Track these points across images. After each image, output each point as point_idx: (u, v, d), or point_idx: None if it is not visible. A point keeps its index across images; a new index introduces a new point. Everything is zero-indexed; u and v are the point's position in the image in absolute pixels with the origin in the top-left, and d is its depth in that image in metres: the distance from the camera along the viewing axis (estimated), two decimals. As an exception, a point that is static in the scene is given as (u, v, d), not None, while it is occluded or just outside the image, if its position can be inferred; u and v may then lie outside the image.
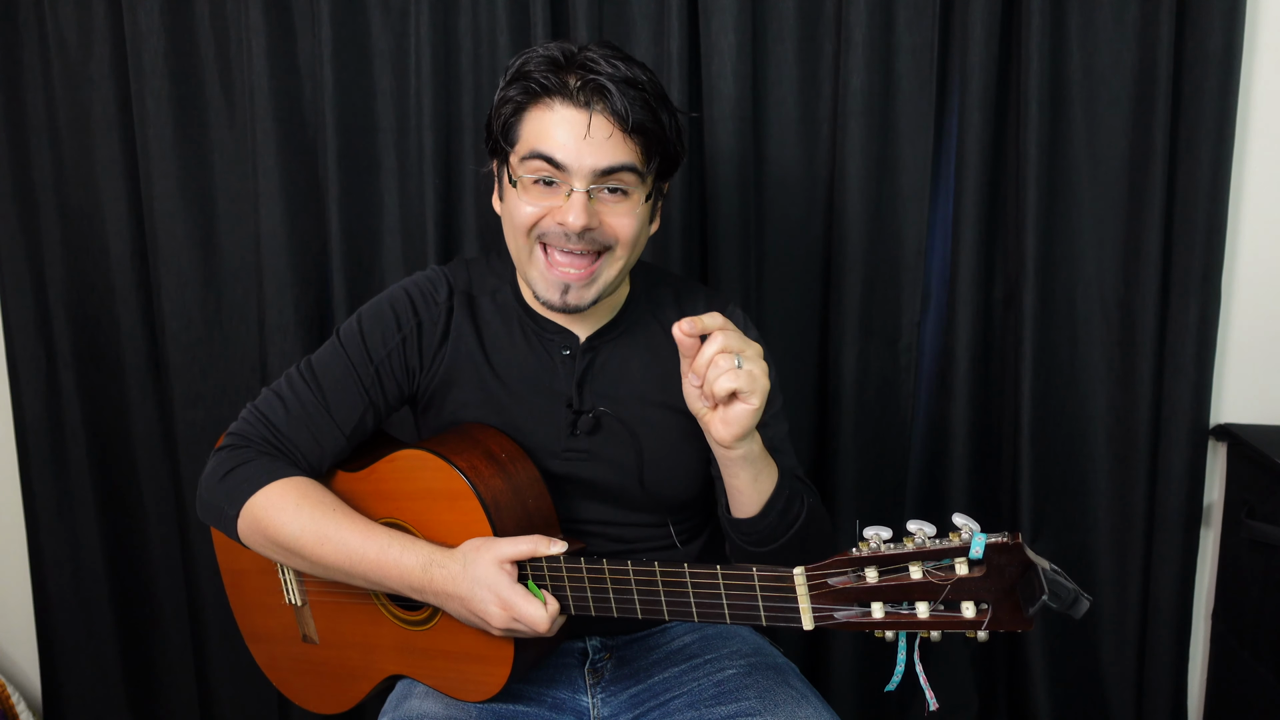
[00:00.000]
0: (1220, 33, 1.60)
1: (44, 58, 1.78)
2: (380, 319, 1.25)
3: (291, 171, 1.73)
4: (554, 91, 1.11)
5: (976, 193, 1.68)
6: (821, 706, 1.17)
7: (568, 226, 1.10)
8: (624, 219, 1.14)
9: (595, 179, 1.11)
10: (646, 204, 1.16)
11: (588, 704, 1.25)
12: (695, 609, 1.02)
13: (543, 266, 1.15)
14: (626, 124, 1.10)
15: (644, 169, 1.13)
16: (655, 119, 1.13)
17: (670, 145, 1.17)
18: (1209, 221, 1.66)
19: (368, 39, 1.72)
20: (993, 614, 0.87)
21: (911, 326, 1.74)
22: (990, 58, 1.64)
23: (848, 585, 0.92)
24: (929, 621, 0.89)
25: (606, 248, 1.15)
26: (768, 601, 0.97)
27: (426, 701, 1.21)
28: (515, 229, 1.16)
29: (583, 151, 1.10)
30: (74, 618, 1.95)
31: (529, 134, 1.13)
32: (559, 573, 1.09)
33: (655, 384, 1.25)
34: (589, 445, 1.22)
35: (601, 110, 1.10)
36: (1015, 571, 0.86)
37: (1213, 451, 1.78)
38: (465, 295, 1.27)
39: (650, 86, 1.13)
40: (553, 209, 1.12)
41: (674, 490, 1.25)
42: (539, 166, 1.11)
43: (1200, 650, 1.87)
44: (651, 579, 1.04)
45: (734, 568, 0.99)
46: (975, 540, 0.86)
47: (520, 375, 1.24)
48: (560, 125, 1.10)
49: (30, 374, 1.85)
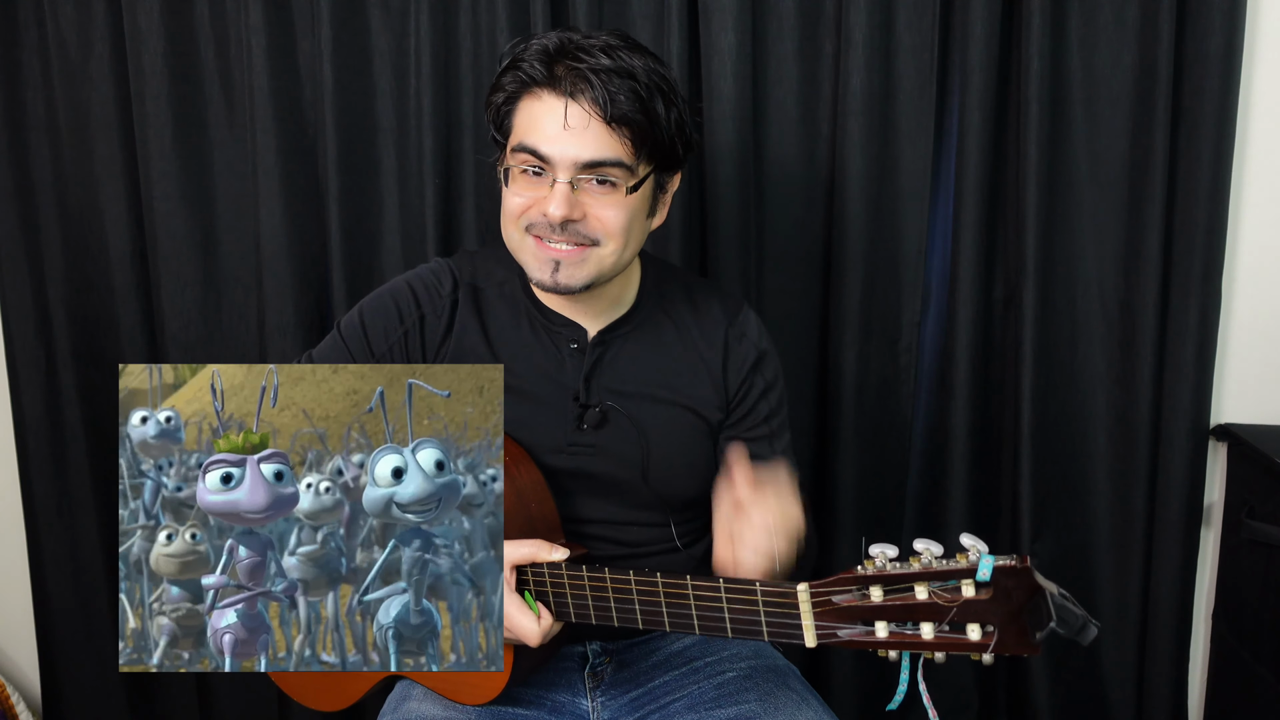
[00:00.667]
0: (1220, 33, 1.60)
1: (44, 58, 1.77)
2: (382, 312, 1.24)
3: (291, 171, 1.73)
4: (540, 81, 1.10)
5: (976, 193, 1.68)
6: (822, 709, 1.17)
7: (549, 217, 1.10)
8: (609, 210, 1.11)
9: (579, 170, 1.09)
10: (637, 195, 1.13)
11: (588, 708, 1.25)
12: (697, 621, 1.02)
13: (534, 248, 1.14)
14: (606, 114, 1.07)
15: (631, 161, 1.11)
16: (644, 110, 1.09)
17: (664, 136, 1.13)
18: (1209, 221, 1.66)
19: (368, 39, 1.72)
20: (998, 638, 0.85)
21: (911, 326, 1.74)
22: (990, 58, 1.64)
23: (852, 603, 0.91)
24: (933, 643, 0.88)
25: (593, 241, 1.13)
26: (770, 617, 0.96)
27: (425, 704, 1.20)
28: (506, 219, 1.16)
29: (565, 142, 1.08)
30: (74, 618, 1.95)
31: (519, 125, 1.13)
32: (560, 580, 1.08)
33: (664, 381, 1.25)
34: (595, 440, 1.22)
35: (583, 100, 1.08)
36: (1023, 595, 0.84)
37: (1213, 451, 1.79)
38: (470, 287, 1.25)
39: (648, 77, 1.10)
40: (538, 199, 1.12)
41: (678, 488, 1.25)
42: (525, 159, 1.11)
43: (1200, 650, 1.87)
44: (653, 589, 1.03)
45: (737, 581, 0.98)
46: (983, 562, 0.85)
47: (527, 368, 1.22)
48: (545, 115, 1.10)
49: (30, 374, 1.85)
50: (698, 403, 1.25)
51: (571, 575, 1.07)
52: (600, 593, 1.06)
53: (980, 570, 0.84)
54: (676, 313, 1.27)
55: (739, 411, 1.28)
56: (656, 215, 1.22)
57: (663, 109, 1.12)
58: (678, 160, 1.19)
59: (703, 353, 1.26)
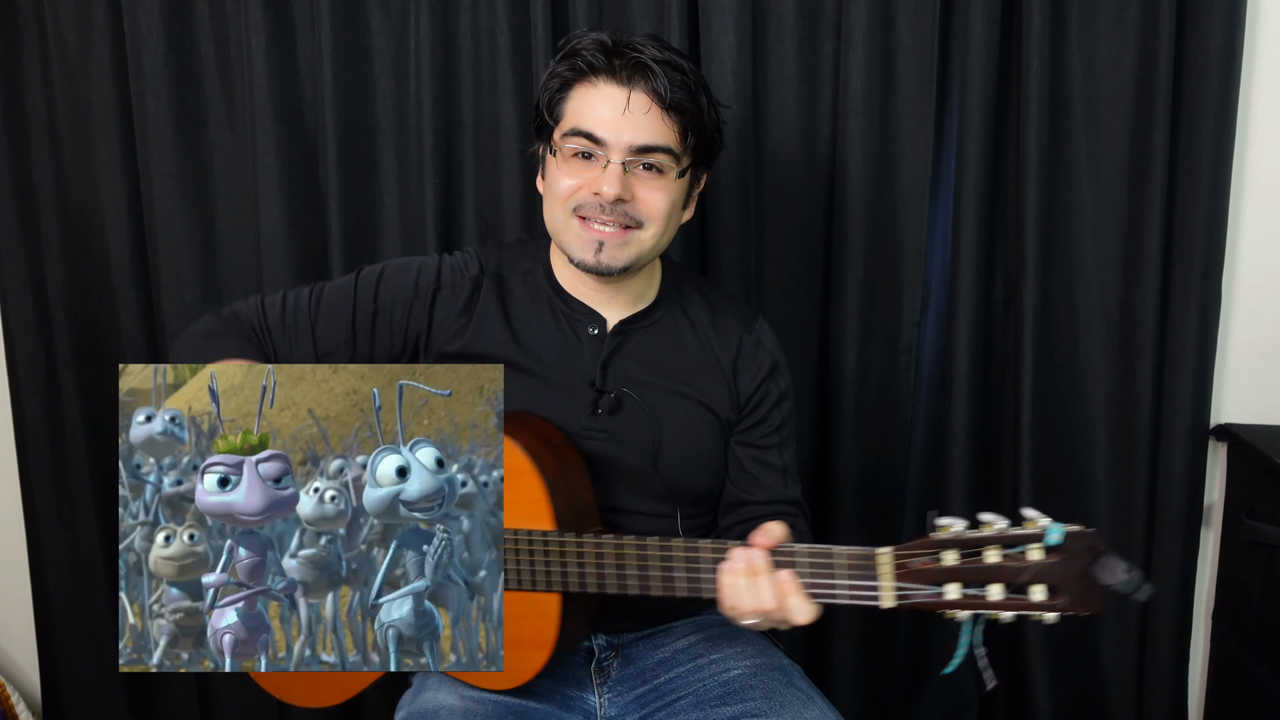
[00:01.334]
0: (1220, 33, 1.60)
1: (44, 58, 1.77)
2: (403, 272, 1.30)
3: (291, 171, 1.73)
4: (599, 70, 1.17)
5: (976, 193, 1.68)
6: (827, 707, 1.17)
7: (602, 196, 1.16)
8: (656, 194, 1.19)
9: (632, 154, 1.16)
10: (680, 183, 1.21)
11: (595, 703, 1.26)
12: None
13: (578, 229, 1.20)
14: (665, 101, 1.15)
15: (679, 149, 1.19)
16: (694, 101, 1.18)
17: (707, 129, 1.21)
18: (1209, 221, 1.66)
19: (368, 39, 1.72)
20: (1063, 597, 0.92)
21: (911, 326, 1.74)
22: (990, 58, 1.64)
23: (927, 566, 0.96)
24: (1001, 603, 0.94)
25: (638, 224, 1.19)
26: (850, 579, 1.00)
27: (441, 692, 1.21)
28: (554, 200, 1.21)
29: (621, 126, 1.16)
30: (74, 618, 1.95)
31: (572, 111, 1.19)
32: (603, 551, 1.09)
33: (679, 374, 1.28)
34: (609, 425, 1.24)
35: (643, 87, 1.16)
36: (1087, 558, 0.92)
37: (1213, 451, 1.79)
38: (495, 275, 1.31)
39: (693, 73, 1.19)
40: (589, 180, 1.18)
41: (687, 479, 1.27)
42: (579, 142, 1.18)
43: (1200, 650, 1.87)
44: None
45: (817, 547, 1.02)
46: (1052, 528, 0.93)
47: (546, 353, 1.27)
48: (602, 101, 1.17)
49: (30, 374, 1.85)
50: (711, 399, 1.29)
51: (637, 542, 1.09)
52: (666, 562, 1.08)
53: (1049, 535, 0.93)
54: (694, 313, 1.32)
55: (754, 417, 1.31)
56: (687, 209, 1.28)
57: (705, 101, 1.20)
58: (713, 155, 1.26)
59: (717, 354, 1.30)
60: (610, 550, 1.09)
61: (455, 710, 1.16)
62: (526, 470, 1.13)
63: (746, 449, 1.31)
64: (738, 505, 1.31)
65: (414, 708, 1.20)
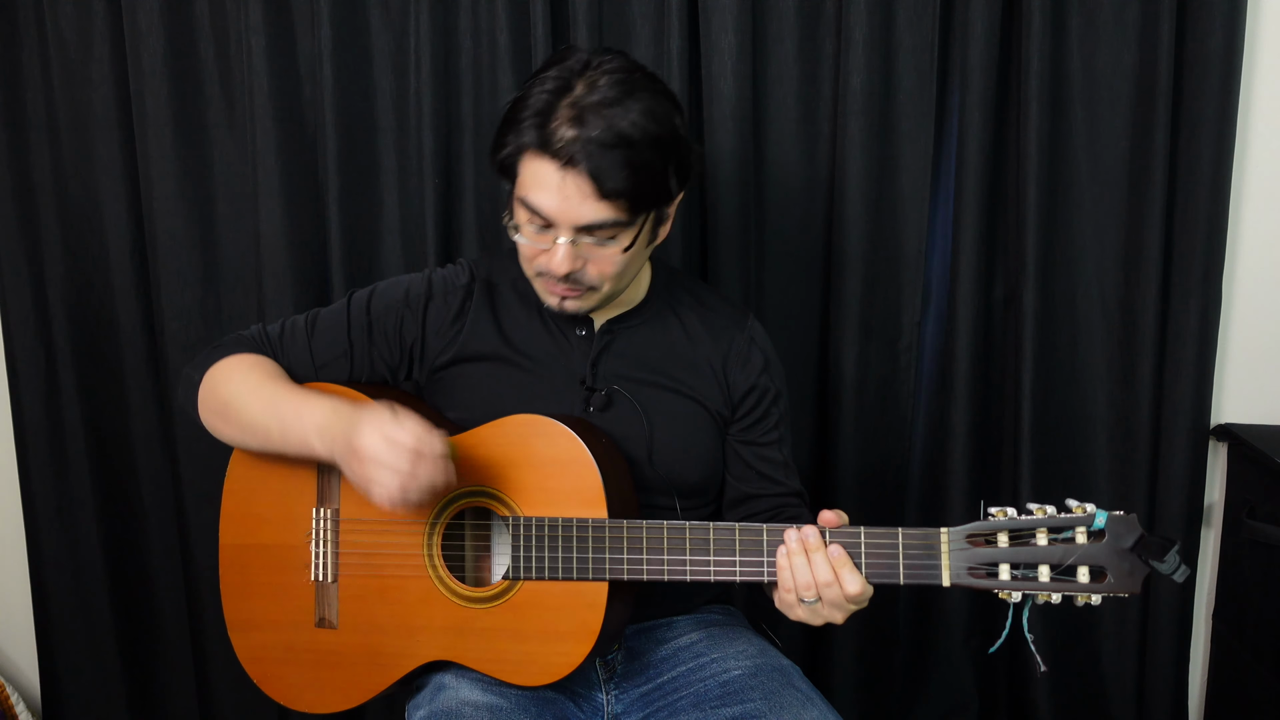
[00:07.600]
0: (1220, 33, 1.60)
1: (44, 58, 1.77)
2: (394, 286, 1.34)
3: (291, 171, 1.73)
4: (538, 146, 1.12)
5: (976, 193, 1.68)
6: (826, 708, 1.17)
7: (552, 272, 1.17)
8: (608, 261, 1.18)
9: (577, 232, 1.14)
10: (638, 241, 1.18)
11: (602, 699, 1.28)
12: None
13: (542, 286, 1.23)
14: (602, 191, 1.10)
15: (628, 219, 1.15)
16: (636, 178, 1.11)
17: (662, 191, 1.16)
18: (1209, 222, 1.66)
19: (368, 39, 1.72)
20: (1107, 579, 1.01)
21: (911, 326, 1.74)
22: (990, 58, 1.64)
23: (982, 547, 1.04)
24: (1049, 584, 1.02)
25: (593, 286, 1.20)
26: (910, 559, 1.07)
27: (463, 688, 1.20)
28: (520, 258, 1.24)
29: (564, 208, 1.13)
30: (74, 618, 1.95)
31: (522, 179, 1.16)
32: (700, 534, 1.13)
33: (668, 371, 1.29)
34: (601, 422, 1.25)
35: (582, 169, 1.10)
36: (1130, 543, 1.01)
37: (1213, 451, 1.78)
38: (486, 283, 1.33)
39: (643, 134, 1.10)
40: (543, 251, 1.18)
41: (684, 472, 1.28)
42: (529, 216, 1.16)
43: (1200, 650, 1.87)
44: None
45: (878, 530, 1.08)
46: (1099, 514, 1.02)
47: (537, 352, 1.29)
48: (545, 179, 1.13)
49: (30, 373, 1.85)
50: (701, 394, 1.30)
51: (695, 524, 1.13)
52: (724, 543, 1.13)
53: (1096, 520, 1.01)
54: (684, 313, 1.33)
55: (754, 415, 1.32)
56: (659, 234, 1.25)
57: (660, 163, 1.14)
58: (674, 198, 1.21)
59: (707, 352, 1.31)
60: (674, 534, 1.13)
61: (480, 706, 1.16)
62: (580, 459, 1.16)
63: (749, 447, 1.33)
64: (744, 500, 1.33)
65: (434, 706, 1.19)
